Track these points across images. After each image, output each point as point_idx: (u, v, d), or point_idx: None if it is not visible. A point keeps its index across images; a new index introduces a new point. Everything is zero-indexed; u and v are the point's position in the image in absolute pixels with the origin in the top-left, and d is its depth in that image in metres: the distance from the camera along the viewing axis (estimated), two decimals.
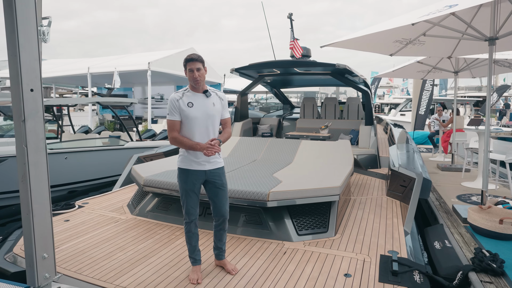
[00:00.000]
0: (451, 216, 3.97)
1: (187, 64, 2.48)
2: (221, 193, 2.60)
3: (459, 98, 20.96)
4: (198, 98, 2.52)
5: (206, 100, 2.54)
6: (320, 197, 3.37)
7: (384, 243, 3.20)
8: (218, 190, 2.59)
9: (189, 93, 2.54)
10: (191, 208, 2.54)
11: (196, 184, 2.53)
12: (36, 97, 1.87)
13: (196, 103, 2.50)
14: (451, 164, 7.03)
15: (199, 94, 2.54)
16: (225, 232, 2.70)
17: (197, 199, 2.56)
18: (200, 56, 2.48)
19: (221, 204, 2.61)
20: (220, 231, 2.67)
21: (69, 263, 2.80)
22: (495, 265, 2.56)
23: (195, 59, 2.46)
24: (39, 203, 1.92)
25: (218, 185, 2.59)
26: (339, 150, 4.97)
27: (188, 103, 2.49)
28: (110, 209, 4.21)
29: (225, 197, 2.63)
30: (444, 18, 3.92)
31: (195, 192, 2.54)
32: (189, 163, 2.52)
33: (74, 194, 6.78)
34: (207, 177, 2.56)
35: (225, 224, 2.67)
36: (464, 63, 7.09)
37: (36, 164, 1.89)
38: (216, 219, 2.64)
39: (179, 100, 2.49)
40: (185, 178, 2.52)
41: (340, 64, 6.07)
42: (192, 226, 2.57)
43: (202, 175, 2.53)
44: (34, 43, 1.82)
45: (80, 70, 14.19)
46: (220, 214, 2.62)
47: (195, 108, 2.49)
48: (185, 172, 2.52)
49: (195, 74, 2.46)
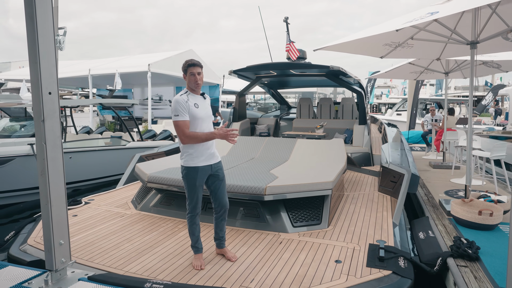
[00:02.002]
0: (437, 210, 4.21)
1: (189, 68, 2.70)
2: (223, 185, 2.86)
3: (456, 98, 21.25)
4: (199, 100, 2.76)
5: (204, 102, 2.81)
6: (314, 191, 3.60)
7: (373, 234, 3.43)
8: (220, 182, 2.84)
9: (190, 95, 2.73)
10: (198, 202, 2.77)
11: (204, 179, 2.77)
12: (54, 99, 2.10)
13: (200, 105, 2.74)
14: (442, 162, 7.28)
15: (198, 96, 2.78)
16: (225, 221, 2.95)
17: (202, 193, 2.80)
18: (199, 62, 2.73)
19: (222, 195, 2.86)
20: (222, 221, 2.91)
21: (81, 253, 3.03)
22: (471, 251, 2.80)
23: (196, 64, 2.70)
24: (56, 194, 2.14)
25: (221, 178, 2.84)
26: (333, 148, 5.21)
27: (194, 104, 2.70)
28: (115, 205, 4.43)
29: (225, 189, 2.90)
30: (429, 23, 4.15)
31: (202, 187, 2.78)
32: (197, 160, 2.71)
33: (78, 192, 7.00)
34: (212, 171, 2.79)
35: (226, 214, 2.92)
36: (455, 64, 7.33)
37: (54, 160, 2.11)
38: (217, 210, 2.88)
39: (188, 101, 2.67)
40: (195, 175, 2.71)
41: (334, 66, 6.30)
42: (197, 219, 2.80)
43: (209, 169, 2.77)
44: (52, 51, 2.04)
45: (81, 72, 14.40)
46: (222, 205, 2.87)
47: (200, 109, 2.72)
48: (195, 170, 2.71)
49: (197, 78, 2.69)
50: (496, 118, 18.71)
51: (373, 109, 25.73)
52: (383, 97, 30.05)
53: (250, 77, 8.03)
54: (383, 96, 30.31)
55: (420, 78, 8.80)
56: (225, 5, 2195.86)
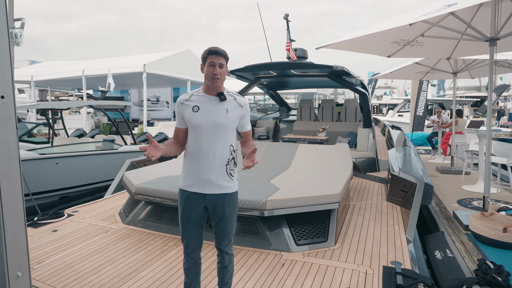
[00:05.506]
0: (452, 223, 3.84)
1: (209, 57, 1.96)
2: (222, 223, 2.13)
3: (459, 99, 20.92)
4: (208, 101, 2.02)
5: (218, 105, 2.01)
6: (319, 205, 3.23)
7: (386, 253, 3.06)
8: (219, 220, 2.13)
9: (200, 94, 2.06)
10: (189, 239, 2.13)
11: (194, 211, 2.11)
12: (8, 104, 1.72)
13: (203, 108, 2.00)
14: (451, 167, 6.92)
15: (211, 96, 2.03)
16: (227, 269, 2.15)
17: (197, 230, 2.17)
18: (226, 52, 1.99)
19: (219, 235, 2.12)
20: (221, 268, 2.17)
21: (55, 279, 2.65)
22: (501, 278, 2.43)
23: (220, 52, 1.95)
24: (11, 218, 1.77)
25: (220, 215, 2.13)
26: (338, 154, 4.84)
27: (193, 106, 2.01)
28: (100, 218, 4.06)
29: (227, 229, 2.14)
30: (443, 18, 3.80)
31: (194, 223, 2.13)
32: (184, 182, 2.12)
33: (66, 200, 6.62)
34: (206, 204, 2.12)
35: (225, 261, 2.13)
36: (463, 64, 6.99)
37: (8, 176, 1.74)
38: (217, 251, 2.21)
39: (185, 102, 2.04)
40: (181, 202, 2.13)
41: (337, 66, 5.94)
42: (189, 260, 2.12)
43: (201, 201, 2.11)
44: (5, 46, 1.67)
45: (75, 73, 14.03)
46: (218, 247, 2.14)
47: (200, 113, 1.99)
48: (181, 194, 2.14)
49: (217, 69, 1.94)
50: (500, 119, 18.40)
51: (374, 110, 25.40)
52: (384, 98, 29.69)
53: (249, 78, 7.66)
54: (384, 97, 29.94)
55: (425, 79, 8.47)
56: (225, 6, 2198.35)
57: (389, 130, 7.38)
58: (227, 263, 2.12)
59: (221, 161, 2.01)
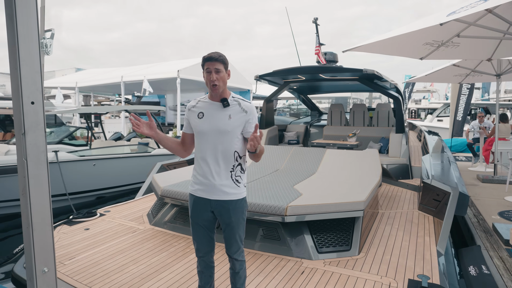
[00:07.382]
0: (490, 237, 3.58)
1: (205, 64, 1.98)
2: (229, 229, 2.15)
3: (505, 103, 19.50)
4: (211, 108, 2.04)
5: (221, 111, 2.01)
6: (342, 212, 3.14)
7: (413, 265, 2.91)
8: (226, 226, 2.16)
9: (205, 100, 2.09)
10: (200, 243, 2.21)
11: (202, 216, 2.17)
12: (37, 110, 1.84)
13: (207, 114, 2.03)
14: (494, 176, 6.46)
15: (215, 103, 2.04)
16: (239, 276, 2.13)
17: (208, 235, 2.23)
18: (222, 55, 1.97)
19: (227, 240, 2.13)
20: (233, 274, 2.16)
21: (82, 275, 2.78)
22: None
23: (214, 58, 1.95)
24: (39, 216, 1.88)
25: (226, 222, 2.15)
26: (366, 160, 4.69)
27: (199, 113, 2.05)
28: (130, 218, 4.21)
29: (235, 236, 2.15)
30: (480, 17, 3.57)
31: (203, 227, 2.20)
32: (192, 186, 2.19)
33: (103, 200, 6.95)
34: (212, 208, 2.16)
35: (236, 266, 2.11)
36: (509, 65, 6.52)
37: (37, 177, 1.85)
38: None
39: (191, 109, 2.09)
40: (190, 205, 2.20)
41: (367, 69, 5.78)
42: (201, 264, 2.18)
43: (207, 206, 2.15)
44: (36, 55, 1.79)
45: (115, 79, 14.77)
46: (228, 253, 2.15)
47: (204, 120, 2.02)
48: (190, 198, 2.22)
49: (213, 76, 1.94)
50: None
51: (412, 114, 24.35)
52: (422, 102, 28.38)
53: (278, 82, 7.65)
54: (423, 101, 28.61)
55: (465, 82, 7.99)
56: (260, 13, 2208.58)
57: (425, 136, 7.04)
58: (238, 269, 2.11)
59: (226, 167, 2.02)
